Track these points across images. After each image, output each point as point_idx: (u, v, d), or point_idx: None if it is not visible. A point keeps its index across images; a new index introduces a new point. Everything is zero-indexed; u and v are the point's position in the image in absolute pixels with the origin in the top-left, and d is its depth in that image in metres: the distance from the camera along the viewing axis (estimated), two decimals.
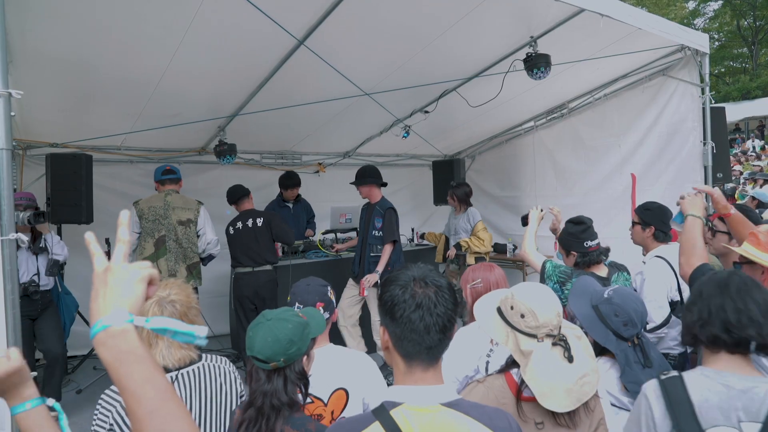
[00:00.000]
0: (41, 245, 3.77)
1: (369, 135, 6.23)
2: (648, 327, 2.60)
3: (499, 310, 1.65)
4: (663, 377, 1.45)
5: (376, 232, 4.54)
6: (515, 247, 6.95)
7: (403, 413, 1.10)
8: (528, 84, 4.36)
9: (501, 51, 4.40)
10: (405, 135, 5.70)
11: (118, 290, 0.79)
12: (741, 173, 12.35)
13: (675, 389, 1.39)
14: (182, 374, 1.74)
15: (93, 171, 4.47)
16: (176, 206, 4.17)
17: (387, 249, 4.49)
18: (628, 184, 5.49)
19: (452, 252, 5.35)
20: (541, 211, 3.09)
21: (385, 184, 4.71)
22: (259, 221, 4.65)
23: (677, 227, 2.44)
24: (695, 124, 4.81)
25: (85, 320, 4.78)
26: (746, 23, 27.86)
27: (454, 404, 1.13)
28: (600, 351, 1.87)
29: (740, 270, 1.97)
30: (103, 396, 1.68)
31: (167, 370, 1.72)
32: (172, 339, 0.79)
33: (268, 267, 4.65)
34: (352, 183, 4.68)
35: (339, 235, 5.65)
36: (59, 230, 4.61)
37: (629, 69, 5.23)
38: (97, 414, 1.65)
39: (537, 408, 1.52)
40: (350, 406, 1.88)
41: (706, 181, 4.76)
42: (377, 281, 4.39)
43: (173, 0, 2.96)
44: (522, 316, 1.56)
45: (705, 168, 4.74)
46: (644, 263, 2.98)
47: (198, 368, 1.78)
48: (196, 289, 4.19)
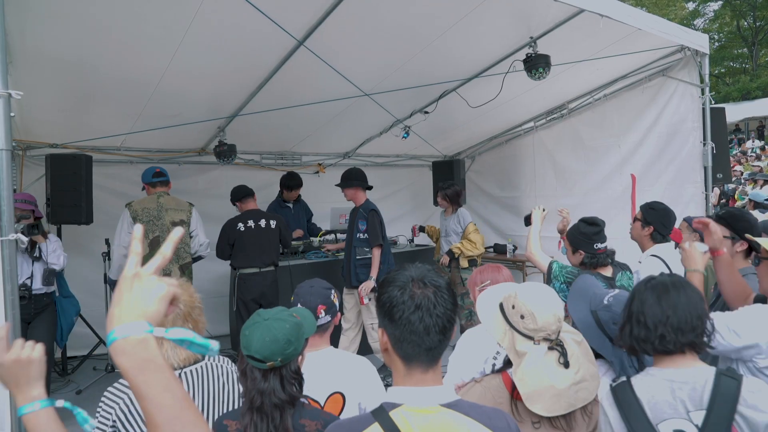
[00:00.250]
0: (36, 255, 3.73)
1: (369, 135, 6.23)
2: None
3: (501, 307, 1.64)
4: (613, 384, 1.51)
5: (361, 235, 4.50)
6: (515, 248, 6.94)
7: (403, 414, 1.10)
8: (528, 84, 4.36)
9: (501, 51, 4.40)
10: (405, 135, 5.70)
11: (141, 301, 0.78)
12: (742, 173, 12.34)
13: (624, 393, 1.45)
14: (185, 372, 1.75)
15: (93, 171, 4.47)
16: (169, 208, 4.20)
17: (376, 253, 4.45)
18: (628, 185, 5.48)
19: (445, 259, 5.30)
20: (543, 211, 3.08)
21: (371, 188, 4.68)
22: (272, 223, 4.65)
23: None
24: (695, 125, 4.81)
25: (86, 322, 4.78)
26: (746, 24, 27.88)
27: (454, 405, 1.13)
28: (595, 354, 1.87)
29: (759, 264, 1.96)
30: (106, 393, 1.68)
31: (172, 368, 1.71)
32: (188, 349, 0.79)
33: (272, 268, 4.67)
34: (337, 185, 4.63)
35: (339, 236, 5.63)
36: (59, 231, 4.61)
37: (629, 69, 5.23)
38: (100, 411, 1.65)
39: None
40: (347, 410, 1.87)
41: (706, 182, 4.76)
42: (374, 287, 4.37)
43: (173, 0, 2.96)
44: (522, 317, 1.55)
45: (705, 168, 4.74)
46: (640, 262, 2.97)
47: (201, 367, 1.79)
48: None
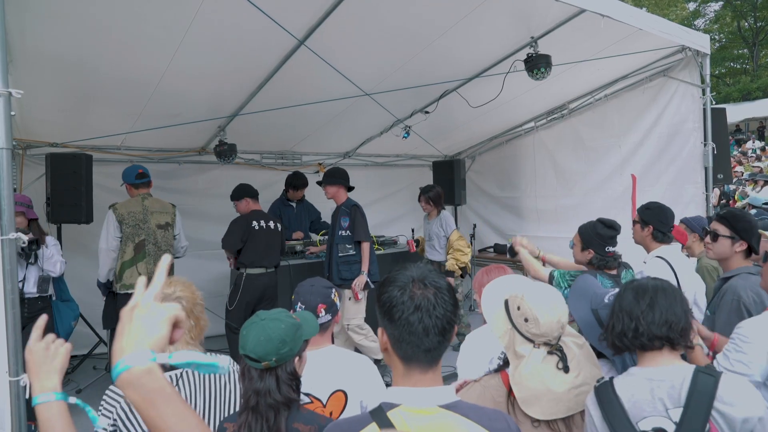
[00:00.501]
0: (31, 261, 3.66)
1: (369, 135, 6.23)
2: None
3: (506, 305, 1.63)
4: (596, 385, 1.51)
5: (343, 232, 4.46)
6: None
7: (401, 414, 1.09)
8: (528, 84, 4.35)
9: (501, 51, 4.40)
10: (405, 135, 5.69)
11: (142, 328, 0.77)
12: (742, 174, 12.31)
13: (606, 393, 1.46)
14: (186, 371, 1.74)
15: (93, 171, 4.47)
16: (154, 210, 4.19)
17: (365, 247, 4.41)
18: (629, 185, 5.48)
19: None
20: (522, 238, 3.18)
21: (352, 188, 4.66)
22: (278, 225, 4.70)
23: None
24: (696, 125, 4.80)
25: (87, 322, 4.77)
26: (747, 24, 27.84)
27: (453, 406, 1.12)
28: (597, 355, 1.86)
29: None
30: (108, 392, 1.68)
31: (173, 366, 1.71)
32: (196, 371, 0.79)
33: (274, 269, 4.71)
34: (319, 182, 4.60)
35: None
36: (59, 230, 4.61)
37: (630, 70, 5.23)
38: (101, 411, 1.65)
39: None
40: (349, 408, 1.88)
41: (707, 182, 4.75)
42: (366, 281, 4.36)
43: (174, 0, 2.95)
44: (525, 320, 1.54)
45: (705, 169, 4.73)
46: (645, 263, 2.97)
47: None
48: None
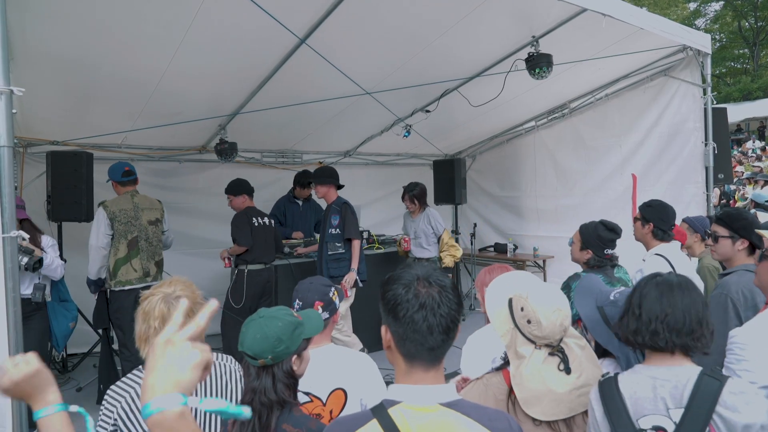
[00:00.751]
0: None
1: (370, 134, 6.23)
2: None
3: (510, 304, 1.62)
4: (601, 379, 1.51)
5: (333, 230, 4.44)
6: (516, 247, 6.95)
7: (402, 412, 1.09)
8: (529, 84, 4.35)
9: (502, 51, 4.40)
10: (406, 134, 5.70)
11: (174, 368, 0.77)
12: (742, 173, 12.30)
13: (609, 388, 1.46)
14: None
15: (93, 169, 4.47)
16: (144, 207, 4.21)
17: (356, 245, 4.39)
18: (629, 185, 5.48)
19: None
20: None
21: (342, 186, 4.66)
22: (272, 222, 4.76)
23: None
24: (697, 125, 4.80)
25: (87, 320, 4.77)
26: (747, 24, 27.83)
27: (454, 404, 1.12)
28: (602, 352, 1.87)
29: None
30: (109, 392, 1.69)
31: None
32: (222, 417, 0.78)
33: (271, 265, 4.75)
34: (310, 181, 4.60)
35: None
36: (59, 228, 4.61)
37: (631, 69, 5.23)
38: (103, 410, 1.66)
39: None
40: (348, 407, 1.88)
41: (707, 182, 4.75)
42: (356, 279, 4.35)
43: None
44: (528, 322, 1.54)
45: (706, 168, 4.73)
46: (644, 261, 2.97)
47: None
48: None
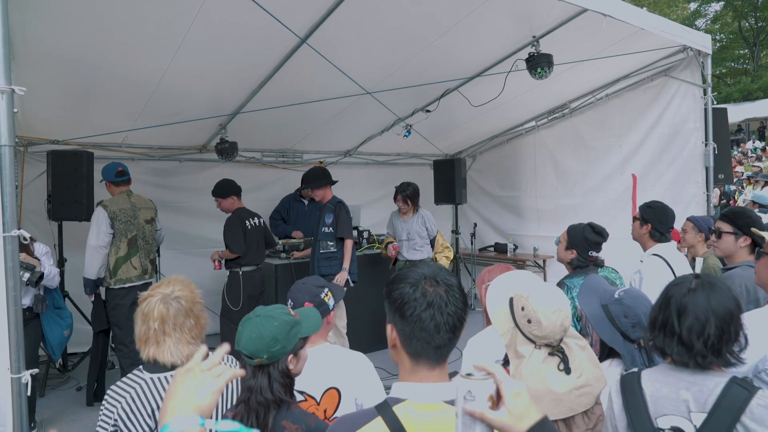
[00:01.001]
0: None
1: (370, 134, 6.23)
2: None
3: (511, 303, 1.63)
4: (624, 373, 1.49)
5: (326, 229, 4.42)
6: (516, 247, 6.96)
7: (406, 409, 1.10)
8: (529, 84, 4.35)
9: (503, 51, 4.40)
10: (406, 134, 5.70)
11: (195, 395, 0.84)
12: (742, 174, 12.30)
13: (631, 383, 1.44)
14: None
15: (94, 168, 4.47)
16: (141, 206, 4.22)
17: (348, 244, 4.37)
18: (629, 185, 5.49)
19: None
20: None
21: (336, 182, 4.63)
22: (263, 222, 4.76)
23: None
24: (697, 125, 4.81)
25: (87, 319, 4.77)
26: (747, 24, 27.84)
27: None
28: (608, 352, 1.87)
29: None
30: (109, 392, 1.70)
31: (175, 366, 1.72)
32: None
33: (262, 265, 4.76)
34: (305, 187, 4.54)
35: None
36: (60, 227, 4.62)
37: (631, 69, 5.23)
38: (103, 410, 1.67)
39: None
40: (343, 406, 1.87)
41: (708, 182, 4.75)
42: (347, 279, 4.32)
43: None
44: (528, 321, 1.54)
45: (706, 169, 4.74)
46: (642, 261, 2.98)
47: None
48: None
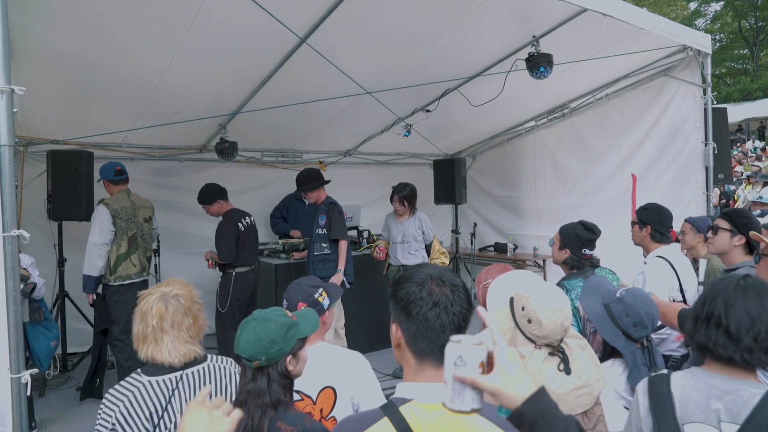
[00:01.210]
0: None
1: (370, 134, 6.23)
2: None
3: (511, 303, 1.63)
4: (653, 374, 1.45)
5: (320, 230, 4.39)
6: (516, 247, 6.96)
7: (413, 410, 1.10)
8: (529, 84, 4.35)
9: (503, 50, 4.40)
10: (406, 134, 5.70)
11: (203, 427, 1.08)
12: (742, 173, 12.29)
13: (659, 385, 1.39)
14: (187, 374, 1.76)
15: (94, 168, 4.46)
16: (140, 205, 4.25)
17: (342, 245, 4.34)
18: (629, 185, 5.48)
19: None
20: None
21: (328, 182, 4.61)
22: (253, 220, 4.73)
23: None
24: (697, 125, 4.80)
25: (87, 319, 4.77)
26: (747, 24, 27.84)
27: None
28: (610, 352, 1.87)
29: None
30: (107, 395, 1.69)
31: (173, 369, 1.73)
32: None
33: (256, 265, 4.74)
34: (299, 190, 4.50)
35: None
36: (60, 227, 4.61)
37: (631, 69, 5.23)
38: (101, 413, 1.66)
39: None
40: (338, 405, 1.87)
41: (707, 182, 4.75)
42: (343, 281, 4.29)
43: None
44: (528, 321, 1.55)
45: (706, 168, 4.74)
46: (645, 263, 2.98)
47: (204, 368, 1.80)
48: None
